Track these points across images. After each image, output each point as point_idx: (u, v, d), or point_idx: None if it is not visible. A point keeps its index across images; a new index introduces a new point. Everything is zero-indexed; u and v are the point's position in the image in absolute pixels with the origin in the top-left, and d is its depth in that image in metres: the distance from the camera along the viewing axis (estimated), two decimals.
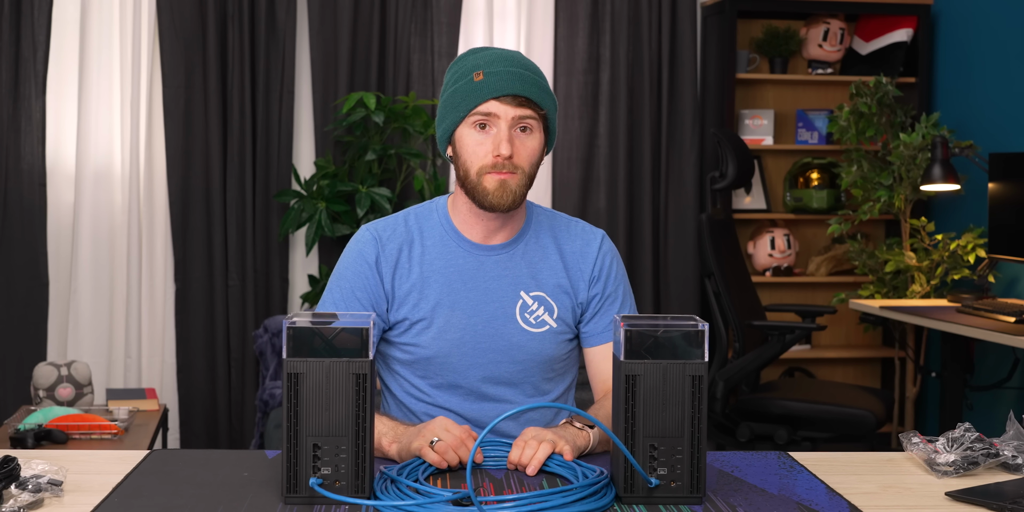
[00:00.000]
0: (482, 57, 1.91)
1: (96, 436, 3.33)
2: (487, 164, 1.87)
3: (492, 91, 1.86)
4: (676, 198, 4.68)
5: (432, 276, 1.94)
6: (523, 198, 1.91)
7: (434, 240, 1.97)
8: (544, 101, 1.90)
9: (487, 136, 1.88)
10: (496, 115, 1.86)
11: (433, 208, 2.01)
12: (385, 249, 1.96)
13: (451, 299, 1.93)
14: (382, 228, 1.98)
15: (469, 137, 1.89)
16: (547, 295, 1.97)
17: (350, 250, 1.99)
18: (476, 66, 1.89)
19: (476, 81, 1.87)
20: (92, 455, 1.77)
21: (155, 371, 4.42)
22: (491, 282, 1.95)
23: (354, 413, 1.50)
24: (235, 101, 4.36)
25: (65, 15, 4.33)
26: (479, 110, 1.87)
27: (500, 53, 1.92)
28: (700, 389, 1.54)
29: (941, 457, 1.69)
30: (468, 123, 1.89)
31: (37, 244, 4.29)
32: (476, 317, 1.93)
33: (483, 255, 1.96)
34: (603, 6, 4.59)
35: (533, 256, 1.98)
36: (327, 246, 4.46)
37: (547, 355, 1.98)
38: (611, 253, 2.04)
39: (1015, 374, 4.06)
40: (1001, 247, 3.89)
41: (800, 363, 4.83)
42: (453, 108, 1.90)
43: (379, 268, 1.95)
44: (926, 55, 4.66)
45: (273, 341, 4.02)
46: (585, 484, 1.52)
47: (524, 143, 1.88)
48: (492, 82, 1.86)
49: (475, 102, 1.87)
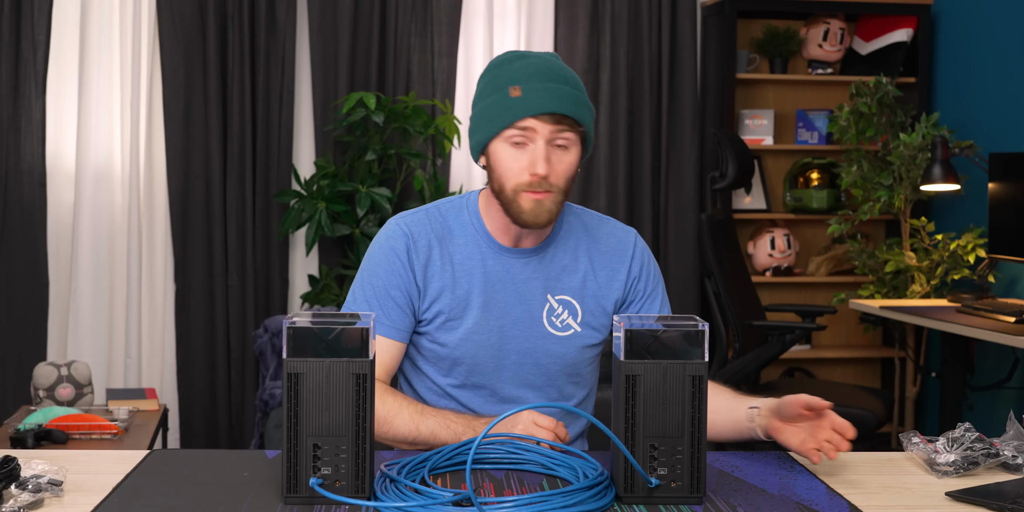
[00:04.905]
0: (520, 69, 1.84)
1: (96, 436, 3.33)
2: (523, 182, 1.83)
3: (530, 109, 1.81)
4: (676, 198, 4.68)
5: (463, 276, 1.92)
6: (558, 214, 1.87)
7: (465, 239, 1.94)
8: (583, 117, 1.84)
9: (523, 152, 1.83)
10: (534, 130, 1.82)
11: (464, 205, 1.98)
12: (417, 244, 1.92)
13: (482, 300, 1.92)
14: (412, 222, 1.95)
15: (504, 152, 1.85)
16: (573, 299, 1.96)
17: (380, 246, 1.94)
18: (514, 79, 1.83)
19: (513, 97, 1.82)
20: (92, 455, 1.77)
21: (155, 371, 4.42)
22: (520, 285, 1.94)
23: (354, 413, 1.50)
24: (235, 101, 4.36)
25: (65, 15, 4.33)
26: (516, 126, 1.82)
27: (539, 64, 1.85)
28: (700, 389, 1.54)
29: (941, 457, 1.68)
30: (503, 137, 1.84)
31: (37, 244, 4.29)
32: (504, 319, 1.92)
33: (513, 258, 1.94)
34: (603, 6, 4.59)
35: (563, 259, 1.97)
36: (327, 246, 4.46)
37: (571, 359, 1.97)
38: (646, 252, 2.02)
39: (1015, 374, 4.06)
40: (1001, 247, 3.89)
41: (800, 363, 4.83)
42: (488, 121, 1.85)
43: (411, 263, 1.92)
44: (926, 55, 4.66)
45: (273, 341, 4.02)
46: (585, 484, 1.52)
47: (561, 160, 1.84)
48: (530, 99, 1.81)
49: (512, 118, 1.82)
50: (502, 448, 1.72)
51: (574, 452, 1.70)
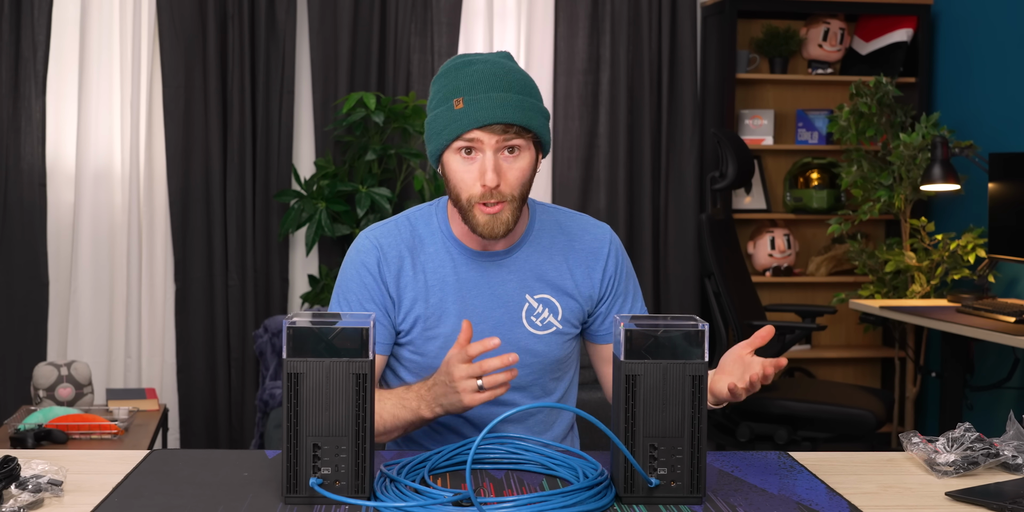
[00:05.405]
0: (463, 79, 1.82)
1: (96, 436, 3.33)
2: (475, 194, 1.82)
3: (473, 121, 1.79)
4: (676, 198, 4.68)
5: (436, 284, 1.92)
6: (516, 221, 1.86)
7: (435, 247, 1.94)
8: (532, 121, 1.82)
9: (473, 163, 1.82)
10: (480, 141, 1.81)
11: (433, 212, 1.97)
12: (387, 256, 1.92)
13: (457, 307, 1.91)
14: (381, 234, 1.94)
15: (455, 163, 1.84)
16: (551, 297, 1.95)
17: (351, 261, 1.94)
18: (457, 90, 1.81)
19: (457, 109, 1.81)
20: (92, 455, 1.77)
21: (155, 371, 4.42)
22: (496, 288, 1.93)
23: (354, 413, 1.50)
24: (235, 101, 4.36)
25: (65, 15, 4.33)
26: (463, 138, 1.81)
27: (483, 72, 1.82)
28: (700, 389, 1.54)
29: (941, 457, 1.68)
30: (453, 149, 1.83)
31: (37, 244, 4.29)
32: (483, 324, 1.92)
33: (486, 262, 1.94)
34: (603, 6, 4.59)
35: (538, 258, 1.96)
36: (327, 246, 4.46)
37: (554, 356, 1.97)
38: (619, 249, 2.02)
39: (1015, 374, 4.06)
40: (1001, 247, 3.89)
41: (800, 363, 4.83)
42: (436, 134, 1.83)
43: (383, 276, 1.91)
44: (926, 55, 4.66)
45: (273, 341, 4.01)
46: (585, 484, 1.52)
47: (512, 166, 1.83)
48: (472, 112, 1.79)
49: (457, 131, 1.80)
50: (502, 448, 1.72)
51: (574, 452, 1.70)
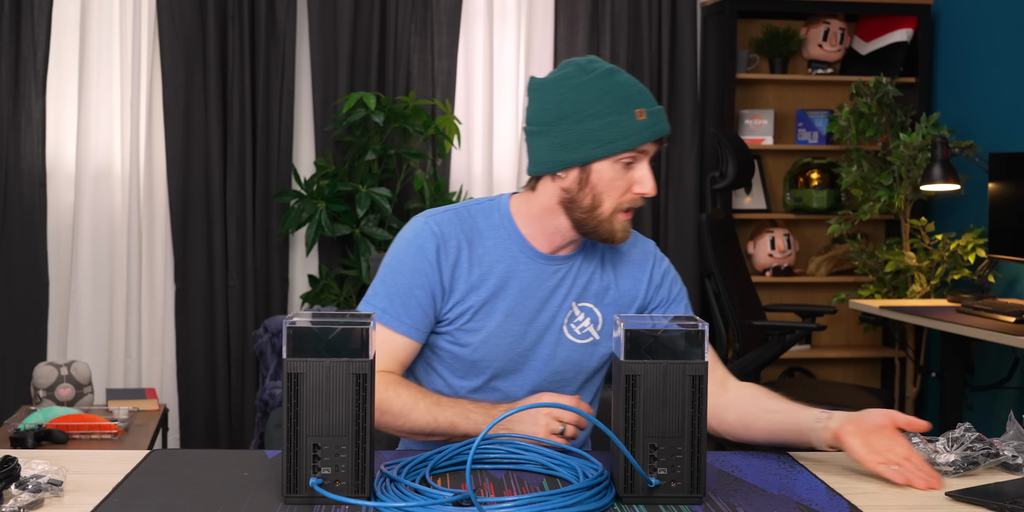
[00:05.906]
0: (629, 89, 1.82)
1: (96, 436, 3.33)
2: (625, 202, 1.84)
3: (655, 133, 1.81)
4: (676, 198, 4.68)
5: (491, 279, 1.90)
6: None
7: (495, 241, 1.92)
8: None
9: (627, 172, 1.84)
10: (646, 152, 1.83)
11: (495, 208, 1.95)
12: (447, 244, 1.89)
13: (508, 304, 1.90)
14: (442, 221, 1.91)
15: (612, 171, 1.83)
16: (595, 306, 1.96)
17: (407, 242, 1.90)
18: (632, 99, 1.81)
19: (640, 120, 1.81)
20: (92, 455, 1.77)
21: (155, 371, 4.42)
22: (549, 291, 1.93)
23: (354, 413, 1.50)
24: (235, 101, 4.36)
25: (65, 15, 4.33)
26: (639, 148, 1.82)
27: (637, 83, 1.85)
28: (700, 389, 1.54)
29: (941, 457, 1.68)
30: (618, 158, 1.82)
31: (37, 244, 4.29)
32: (528, 325, 1.92)
33: (545, 264, 1.93)
34: (603, 6, 4.59)
35: (589, 267, 1.96)
36: (327, 246, 4.46)
37: (588, 366, 1.97)
38: (667, 262, 2.04)
39: (1015, 374, 4.06)
40: (1001, 247, 3.89)
41: (800, 363, 4.83)
42: (610, 142, 1.81)
43: (439, 263, 1.88)
44: (926, 55, 4.66)
45: (273, 341, 4.02)
46: (585, 484, 1.52)
47: None
48: (653, 124, 1.81)
49: (639, 142, 1.80)
50: (502, 448, 1.72)
51: (575, 452, 1.70)
